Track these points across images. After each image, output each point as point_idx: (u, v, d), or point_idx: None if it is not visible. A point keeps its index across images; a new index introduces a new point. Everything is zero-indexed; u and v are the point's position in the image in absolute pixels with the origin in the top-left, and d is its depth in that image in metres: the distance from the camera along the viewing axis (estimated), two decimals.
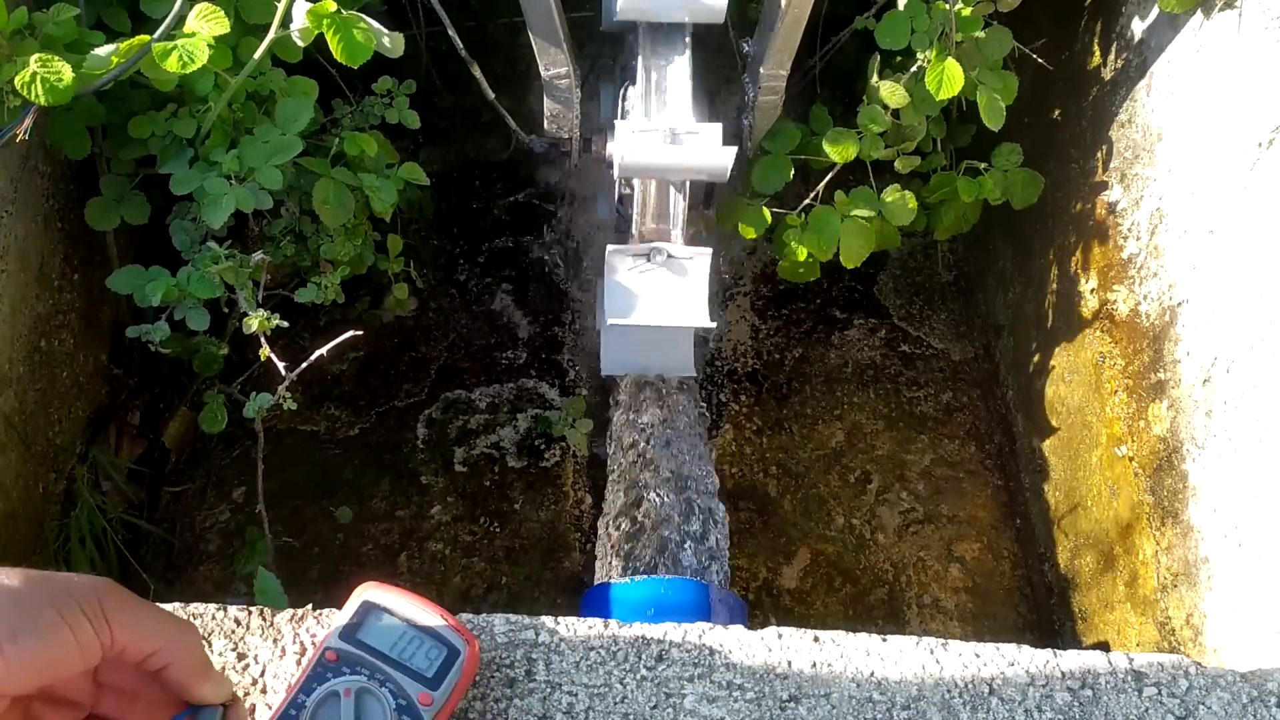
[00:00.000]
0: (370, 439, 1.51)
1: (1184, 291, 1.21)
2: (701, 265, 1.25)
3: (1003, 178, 1.37)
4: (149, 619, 0.56)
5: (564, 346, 1.62)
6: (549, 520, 1.46)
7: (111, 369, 1.38)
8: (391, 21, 1.04)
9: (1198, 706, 0.75)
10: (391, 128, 1.28)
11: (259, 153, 1.10)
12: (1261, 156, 1.10)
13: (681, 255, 1.25)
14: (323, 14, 0.98)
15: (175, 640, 0.57)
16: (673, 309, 1.25)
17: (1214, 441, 1.13)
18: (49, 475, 1.24)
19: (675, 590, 1.14)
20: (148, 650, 0.55)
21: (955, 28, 1.19)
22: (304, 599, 0.82)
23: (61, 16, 1.03)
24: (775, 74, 1.24)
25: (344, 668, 0.68)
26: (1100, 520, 1.33)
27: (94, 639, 0.52)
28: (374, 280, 1.49)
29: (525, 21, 1.17)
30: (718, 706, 0.73)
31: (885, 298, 1.71)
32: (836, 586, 1.44)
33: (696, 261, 1.25)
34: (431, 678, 0.68)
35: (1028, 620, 1.44)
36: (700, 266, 1.25)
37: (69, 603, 0.52)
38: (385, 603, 0.70)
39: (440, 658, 0.69)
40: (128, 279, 1.15)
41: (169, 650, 0.56)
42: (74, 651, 0.51)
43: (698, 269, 1.25)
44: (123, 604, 0.54)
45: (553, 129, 1.33)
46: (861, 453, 1.55)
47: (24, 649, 0.49)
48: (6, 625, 0.49)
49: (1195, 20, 1.21)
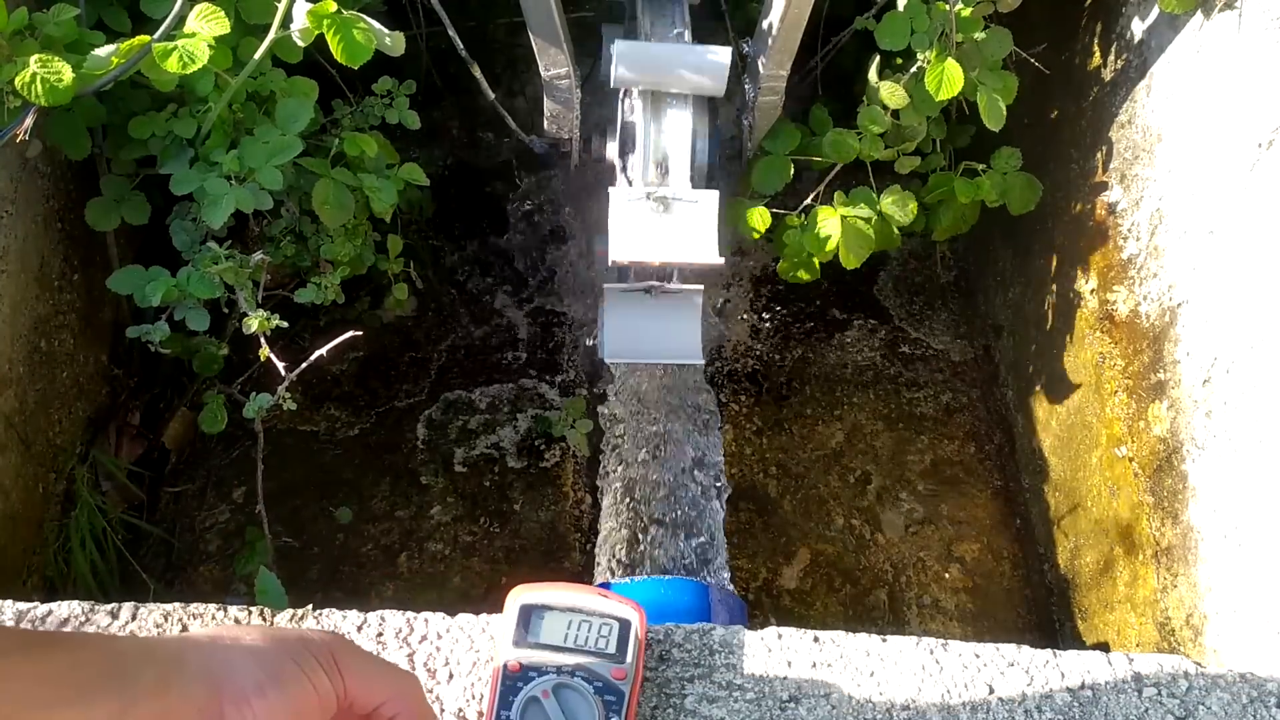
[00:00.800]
0: (370, 439, 1.51)
1: (1184, 292, 1.21)
2: (709, 205, 1.19)
3: (1001, 181, 1.37)
4: (377, 671, 0.58)
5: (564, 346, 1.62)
6: (549, 520, 1.46)
7: (111, 369, 1.38)
8: (391, 21, 1.04)
9: (1198, 706, 0.75)
10: (391, 128, 1.28)
11: (259, 153, 1.10)
12: (1261, 157, 1.10)
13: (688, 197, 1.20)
14: (323, 14, 0.98)
15: (402, 691, 0.59)
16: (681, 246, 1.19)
17: (1214, 442, 1.13)
18: (49, 475, 1.24)
19: (675, 591, 1.14)
20: (377, 701, 0.57)
21: (955, 28, 1.19)
22: (304, 599, 0.82)
23: (61, 17, 1.03)
24: (775, 74, 1.24)
25: (530, 673, 0.69)
26: (1100, 521, 1.33)
27: (330, 690, 0.55)
28: (374, 280, 1.49)
29: (525, 21, 1.17)
30: (718, 707, 0.73)
31: (885, 298, 1.71)
32: (836, 587, 1.44)
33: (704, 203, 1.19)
34: (615, 653, 0.69)
35: (1028, 620, 1.44)
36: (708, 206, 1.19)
37: (306, 657, 0.54)
38: (541, 600, 0.71)
39: (614, 632, 0.70)
40: (128, 279, 1.15)
41: (396, 701, 0.58)
42: (314, 702, 0.54)
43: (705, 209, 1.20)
44: (354, 657, 0.57)
45: (553, 129, 1.33)
46: (861, 453, 1.55)
47: (271, 701, 0.52)
48: (253, 679, 0.52)
49: (1195, 21, 1.21)
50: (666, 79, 1.18)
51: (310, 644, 0.55)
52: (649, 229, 1.19)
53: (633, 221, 1.19)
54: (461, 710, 0.72)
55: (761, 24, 1.23)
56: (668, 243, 1.19)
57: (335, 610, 0.78)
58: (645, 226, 1.19)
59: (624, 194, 1.20)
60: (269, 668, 0.53)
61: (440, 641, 0.76)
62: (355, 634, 0.77)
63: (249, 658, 0.53)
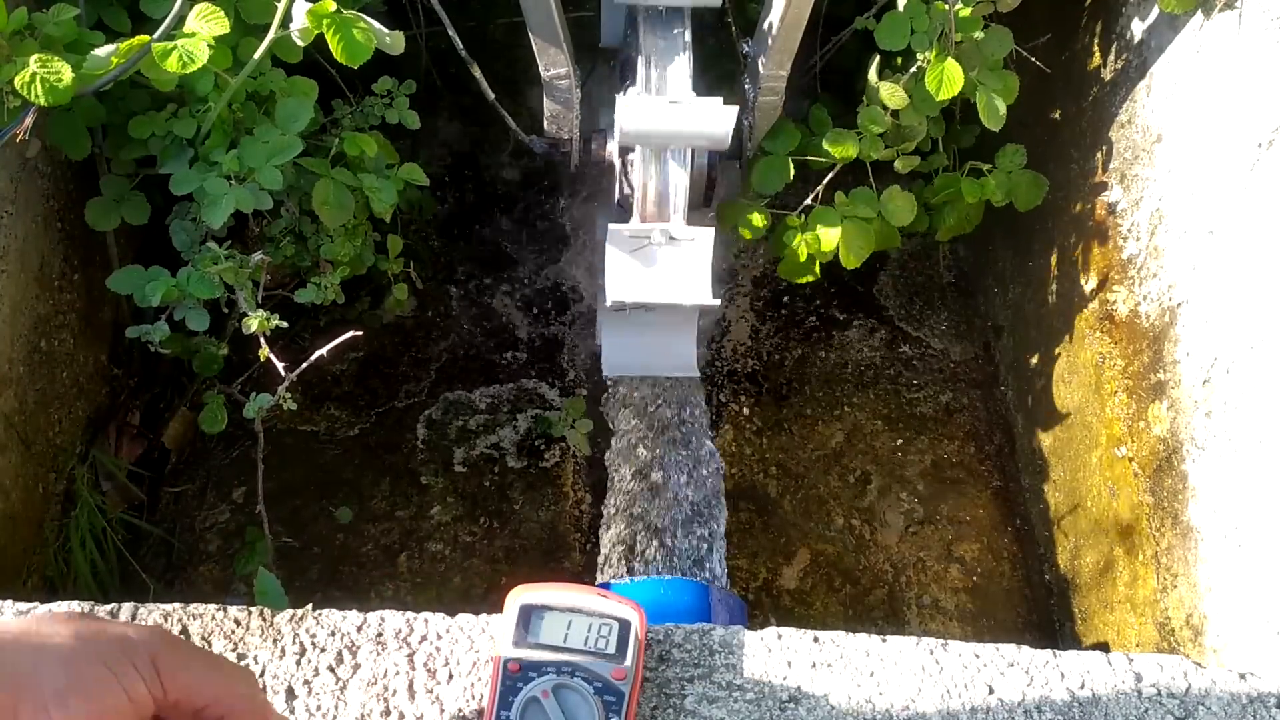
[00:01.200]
0: (370, 439, 1.51)
1: (1184, 292, 1.21)
2: (704, 244, 1.21)
3: (1006, 179, 1.37)
4: (204, 671, 0.56)
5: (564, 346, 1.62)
6: (549, 521, 1.46)
7: (111, 369, 1.38)
8: (391, 21, 1.04)
9: (1197, 706, 0.75)
10: (391, 128, 1.28)
11: (259, 153, 1.10)
12: (1261, 157, 1.10)
13: (683, 236, 1.21)
14: (323, 14, 0.98)
15: (230, 691, 0.56)
16: (676, 287, 1.21)
17: (1214, 442, 1.13)
18: (49, 475, 1.24)
19: (675, 591, 1.14)
20: (202, 702, 0.55)
21: (955, 28, 1.19)
22: (304, 599, 0.82)
23: (61, 17, 1.03)
24: (775, 74, 1.24)
25: (530, 674, 0.69)
26: (1100, 521, 1.33)
27: (146, 695, 0.52)
28: (374, 280, 1.49)
29: (525, 21, 1.17)
30: (718, 707, 0.73)
31: (885, 298, 1.71)
32: (836, 587, 1.44)
33: (699, 241, 1.21)
34: (615, 652, 0.69)
35: (1028, 620, 1.44)
36: (703, 245, 1.21)
37: (120, 659, 0.51)
38: (541, 600, 0.71)
39: (614, 632, 0.70)
40: (128, 279, 1.15)
41: (224, 702, 0.55)
42: (125, 709, 0.51)
43: (700, 248, 1.21)
44: (177, 656, 0.54)
45: (553, 129, 1.33)
46: (861, 453, 1.55)
47: (72, 711, 0.48)
48: (55, 686, 0.48)
49: (1195, 20, 1.21)
50: (671, 139, 1.20)
51: (127, 644, 0.52)
52: (644, 268, 1.21)
53: (628, 261, 1.21)
54: (461, 710, 0.73)
55: (761, 24, 1.23)
56: (662, 283, 1.21)
57: (335, 610, 0.78)
58: (640, 266, 1.21)
59: (620, 232, 1.21)
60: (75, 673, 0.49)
61: (440, 641, 0.76)
62: (355, 634, 0.77)
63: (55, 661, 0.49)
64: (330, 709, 0.73)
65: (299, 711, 0.72)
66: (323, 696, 0.73)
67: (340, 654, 0.75)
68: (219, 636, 0.76)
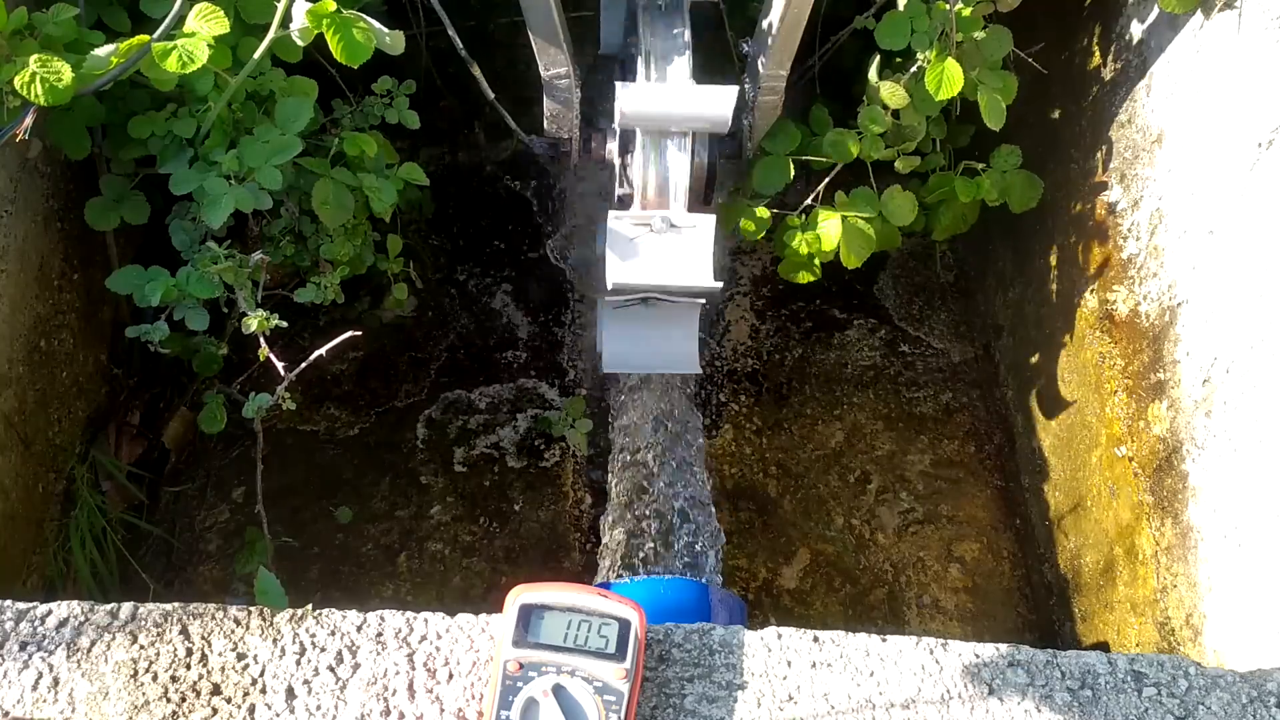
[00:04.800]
0: (370, 439, 1.51)
1: (1184, 292, 1.21)
2: (705, 230, 1.20)
3: (1001, 179, 1.37)
4: None
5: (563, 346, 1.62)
6: (549, 520, 1.46)
7: (111, 369, 1.38)
8: (391, 21, 1.04)
9: (1198, 706, 0.75)
10: (391, 128, 1.28)
11: (259, 153, 1.10)
12: (1261, 157, 1.10)
13: (684, 223, 1.20)
14: (323, 14, 0.98)
15: None
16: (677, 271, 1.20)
17: (1214, 441, 1.13)
18: (49, 475, 1.24)
19: (675, 591, 1.14)
20: None
21: (955, 28, 1.19)
22: (304, 599, 0.82)
23: (61, 16, 1.03)
24: (775, 74, 1.24)
25: (530, 673, 0.69)
26: (1100, 520, 1.33)
27: None
28: (374, 280, 1.49)
29: (525, 21, 1.17)
30: (718, 707, 0.73)
31: (885, 298, 1.71)
32: (836, 586, 1.44)
33: (700, 228, 1.20)
34: (615, 652, 0.69)
35: (1028, 620, 1.44)
36: (704, 232, 1.20)
37: None
38: (541, 600, 0.72)
39: (615, 631, 0.70)
40: (127, 279, 1.15)
41: None
42: None
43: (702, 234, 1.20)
44: None
45: (552, 129, 1.33)
46: (861, 453, 1.55)
47: None
48: None
49: (1195, 21, 1.21)
50: (670, 122, 1.19)
51: None
52: (645, 253, 1.21)
53: (629, 245, 1.21)
54: (461, 710, 0.73)
55: (761, 24, 1.23)
56: (663, 266, 1.20)
57: (335, 610, 0.78)
58: (642, 250, 1.21)
59: (621, 217, 1.21)
60: None
61: (440, 641, 0.76)
62: (355, 633, 0.77)
63: None
64: (330, 709, 0.73)
65: (299, 711, 0.72)
66: (323, 696, 0.73)
67: (340, 654, 0.75)
68: (219, 636, 0.76)
